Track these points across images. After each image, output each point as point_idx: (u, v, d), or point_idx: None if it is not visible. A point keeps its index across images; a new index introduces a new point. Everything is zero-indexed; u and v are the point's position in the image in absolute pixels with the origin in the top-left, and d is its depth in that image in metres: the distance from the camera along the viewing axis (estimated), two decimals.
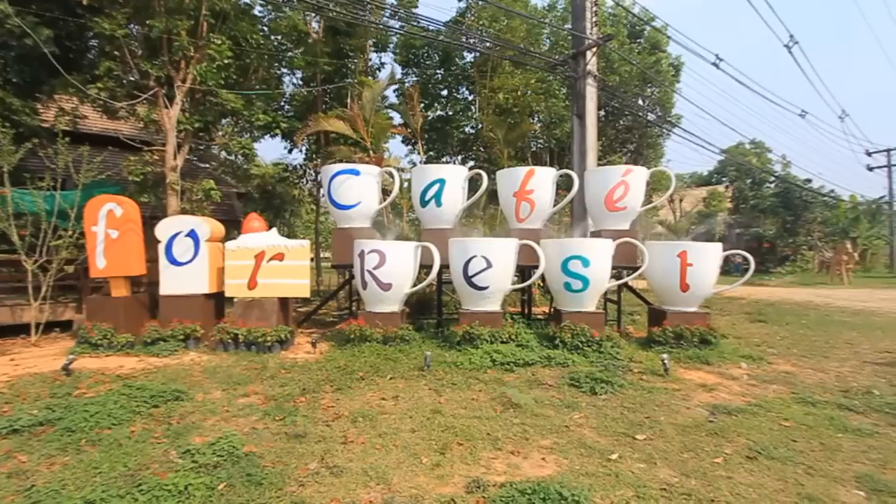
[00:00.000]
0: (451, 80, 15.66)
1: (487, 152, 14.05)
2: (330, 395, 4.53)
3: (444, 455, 3.28)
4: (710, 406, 4.30)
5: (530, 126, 13.86)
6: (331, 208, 7.88)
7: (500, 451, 3.38)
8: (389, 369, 5.36)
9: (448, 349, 6.15)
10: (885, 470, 3.16)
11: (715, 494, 2.81)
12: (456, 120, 15.29)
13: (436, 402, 4.32)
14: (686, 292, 6.50)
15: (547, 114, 14.74)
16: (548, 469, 3.11)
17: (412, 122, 11.65)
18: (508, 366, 5.46)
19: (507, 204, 7.64)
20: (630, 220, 7.55)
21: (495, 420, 3.89)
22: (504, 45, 12.45)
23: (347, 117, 10.36)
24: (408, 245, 6.77)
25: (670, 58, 17.31)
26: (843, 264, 19.27)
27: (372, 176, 7.58)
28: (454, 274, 6.70)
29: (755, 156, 28.38)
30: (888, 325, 8.91)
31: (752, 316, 9.85)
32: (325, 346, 6.57)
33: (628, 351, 6.20)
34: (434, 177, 7.38)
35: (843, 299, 13.03)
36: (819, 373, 5.57)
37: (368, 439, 3.52)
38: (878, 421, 4.04)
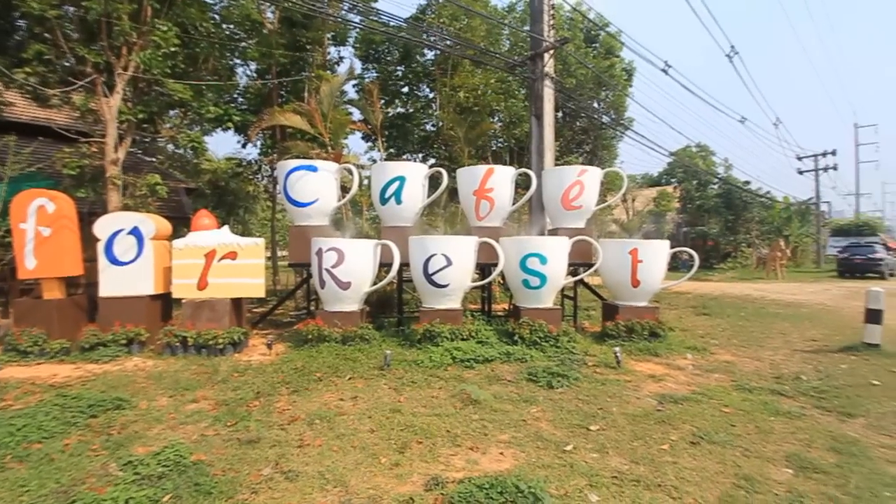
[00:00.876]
0: (411, 77, 15.57)
1: (448, 150, 14.09)
2: (286, 398, 4.40)
3: (403, 454, 3.26)
4: (658, 396, 4.52)
5: (490, 125, 14.02)
6: (287, 205, 7.64)
7: (460, 447, 3.40)
8: (348, 369, 5.28)
9: (408, 347, 6.13)
10: (810, 449, 3.44)
11: (661, 479, 2.96)
12: (417, 117, 15.23)
13: (395, 401, 4.29)
14: (637, 288, 6.80)
15: (507, 113, 14.95)
16: (506, 463, 3.17)
17: (372, 118, 11.49)
18: (468, 363, 5.51)
19: (467, 202, 7.70)
20: (585, 219, 7.80)
21: (455, 417, 3.92)
22: (464, 44, 12.52)
23: (304, 112, 10.08)
24: (367, 243, 6.68)
25: (623, 63, 18.02)
26: (777, 260, 20.81)
27: (330, 172, 7.41)
28: (414, 272, 6.68)
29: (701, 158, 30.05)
30: (814, 315, 9.71)
31: (697, 309, 10.44)
32: (282, 348, 6.38)
33: (584, 345, 6.41)
34: (394, 174, 7.32)
35: (776, 293, 14.07)
36: (755, 361, 5.99)
37: (326, 441, 3.44)
38: (804, 404, 4.39)
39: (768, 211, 27.60)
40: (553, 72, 9.95)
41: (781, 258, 20.94)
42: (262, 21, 11.21)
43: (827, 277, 20.91)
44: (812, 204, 31.38)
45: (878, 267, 20.09)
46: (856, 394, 4.66)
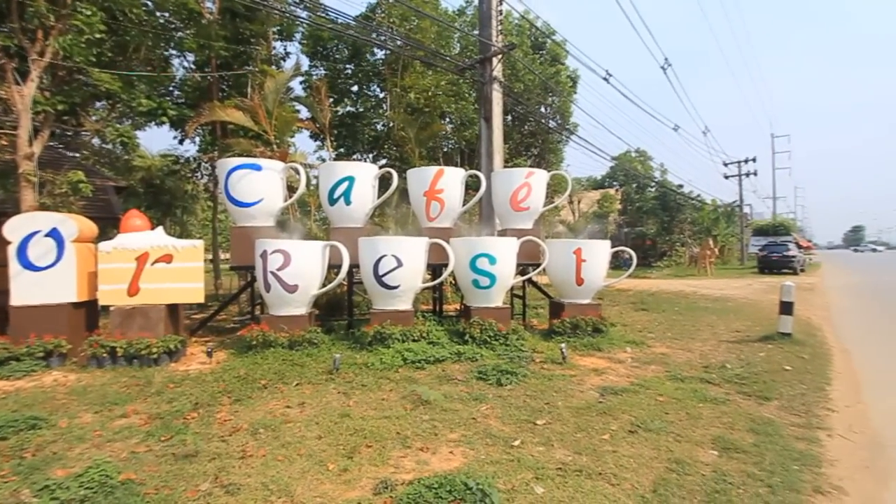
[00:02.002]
0: (361, 76, 15.35)
1: (399, 151, 14.03)
2: (227, 408, 4.19)
3: (351, 459, 3.21)
4: (600, 388, 4.75)
5: (441, 126, 14.11)
6: (229, 205, 7.28)
7: (410, 448, 3.39)
8: (296, 375, 5.11)
9: (359, 350, 6.03)
10: (732, 431, 3.75)
11: (602, 468, 3.11)
12: (367, 117, 15.04)
13: (344, 406, 4.21)
14: (581, 286, 7.10)
15: (457, 115, 15.11)
16: (455, 462, 3.20)
17: (320, 116, 11.20)
18: (419, 363, 5.51)
19: (418, 203, 7.70)
20: (533, 220, 8.04)
21: (405, 418, 3.90)
22: (414, 45, 12.51)
23: (247, 108, 9.65)
24: (315, 244, 6.51)
25: (568, 70, 18.76)
26: (707, 258, 22.49)
27: (275, 171, 7.15)
28: (364, 273, 6.59)
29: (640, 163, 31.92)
30: (738, 308, 10.58)
31: (636, 305, 11.06)
32: (224, 355, 6.07)
33: (532, 342, 6.60)
34: (343, 174, 7.18)
35: (706, 288, 15.20)
36: (687, 352, 6.44)
37: (270, 451, 3.32)
38: (728, 390, 4.77)
39: (699, 212, 29.75)
40: (502, 76, 10.18)
41: (711, 256, 22.68)
42: (201, 10, 10.61)
43: (750, 273, 22.86)
44: (736, 206, 34.20)
45: (791, 263, 22.25)
46: (771, 379, 5.13)
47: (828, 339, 7.44)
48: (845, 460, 3.31)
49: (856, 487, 2.95)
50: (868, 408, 4.40)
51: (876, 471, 3.20)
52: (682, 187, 30.56)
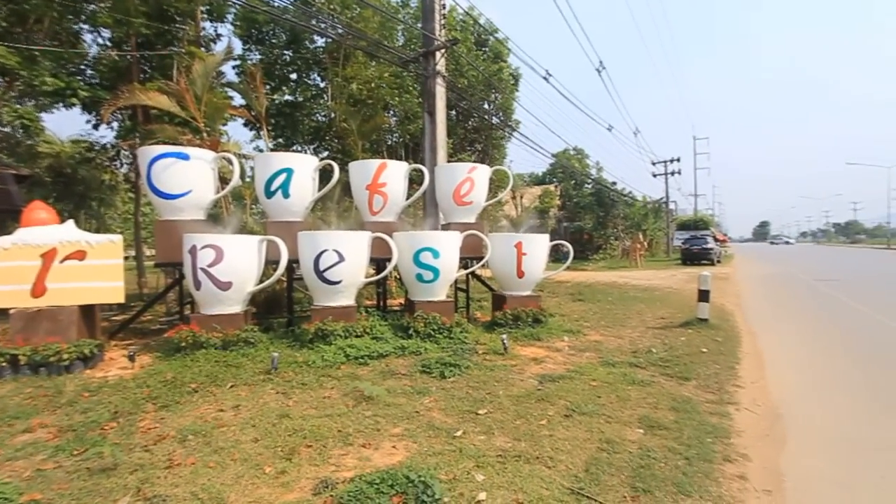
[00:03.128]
0: (300, 63, 14.72)
1: (341, 143, 13.65)
2: (152, 415, 3.90)
3: (290, 461, 3.11)
4: (539, 376, 4.94)
5: (384, 119, 13.89)
6: (152, 197, 6.73)
7: (351, 446, 3.35)
8: (230, 377, 4.85)
9: (299, 348, 5.84)
10: (656, 410, 4.05)
11: (540, 452, 3.24)
12: (307, 107, 14.48)
13: (283, 406, 4.06)
14: (522, 278, 7.33)
15: (401, 109, 14.94)
16: (398, 456, 3.20)
17: (255, 104, 10.61)
18: (363, 359, 5.43)
19: (360, 197, 7.56)
20: (476, 214, 8.17)
21: (347, 416, 3.84)
22: (356, 34, 12.19)
23: (173, 92, 8.93)
24: (251, 239, 6.20)
25: (510, 68, 19.15)
26: (637, 251, 24.07)
27: (205, 161, 6.70)
28: (304, 269, 6.38)
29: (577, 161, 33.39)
30: (664, 297, 11.43)
31: (573, 296, 11.61)
32: (149, 359, 5.62)
33: (475, 335, 6.72)
34: (280, 166, 6.88)
35: (636, 279, 16.27)
36: (618, 339, 6.86)
37: (200, 458, 3.13)
38: (654, 373, 5.15)
39: (630, 208, 31.72)
40: (445, 70, 10.20)
41: (641, 249, 24.31)
42: None
43: (674, 265, 24.76)
44: (663, 203, 36.86)
45: (709, 255, 24.41)
46: (690, 361, 5.60)
47: (739, 323, 8.24)
48: (750, 431, 3.70)
49: (758, 454, 3.31)
50: (769, 383, 4.94)
51: (774, 438, 3.60)
52: (615, 184, 32.44)
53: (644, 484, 2.82)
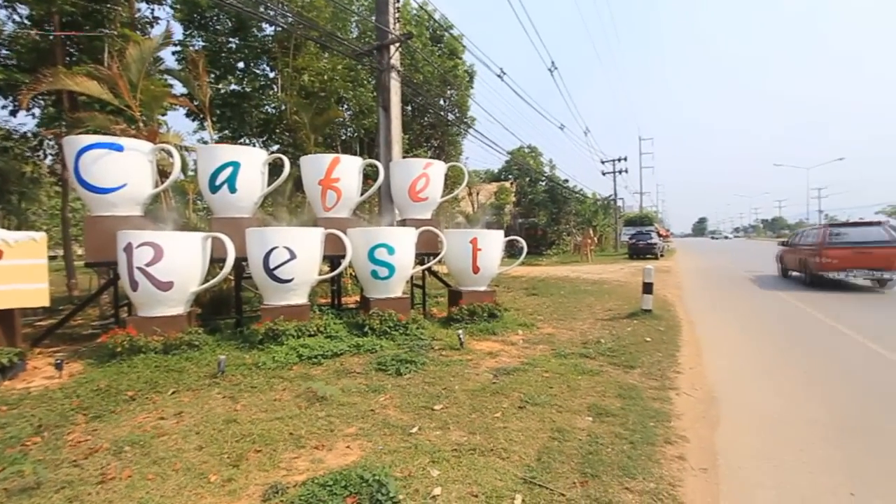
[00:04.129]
0: (248, 52, 14.05)
1: (292, 136, 13.19)
2: (82, 427, 3.61)
3: (237, 467, 2.97)
4: (494, 370, 5.02)
5: (338, 113, 13.56)
6: (81, 191, 6.19)
7: (303, 448, 3.25)
8: (172, 382, 4.58)
9: (248, 350, 5.61)
10: (604, 398, 4.23)
11: (494, 444, 3.29)
12: (255, 97, 13.85)
13: (230, 411, 3.88)
14: (477, 274, 7.41)
15: (356, 102, 14.64)
16: (352, 456, 3.14)
17: (198, 93, 10.03)
18: (316, 359, 5.29)
19: (313, 192, 7.35)
20: (431, 210, 8.16)
21: (299, 417, 3.73)
22: (307, 24, 11.79)
23: (104, 77, 8.25)
24: (193, 236, 5.86)
25: (465, 65, 19.26)
26: (588, 246, 25.01)
27: (141, 153, 6.26)
28: (253, 267, 6.13)
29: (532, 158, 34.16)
30: (612, 290, 11.95)
31: (528, 290, 11.89)
32: (79, 367, 5.20)
33: (431, 330, 6.73)
34: (226, 159, 6.55)
35: (587, 273, 16.90)
36: (569, 331, 7.10)
37: (138, 470, 2.93)
38: (602, 363, 5.37)
39: (582, 205, 32.89)
40: (400, 65, 10.08)
41: (591, 244, 25.27)
42: None
43: (622, 259, 25.95)
44: (612, 200, 38.47)
45: (653, 249, 25.78)
46: (636, 350, 5.89)
47: (679, 313, 8.76)
48: (688, 413, 3.94)
49: (695, 435, 3.53)
50: (705, 368, 5.29)
51: (709, 420, 3.85)
52: (567, 182, 33.47)
53: (592, 469, 2.93)
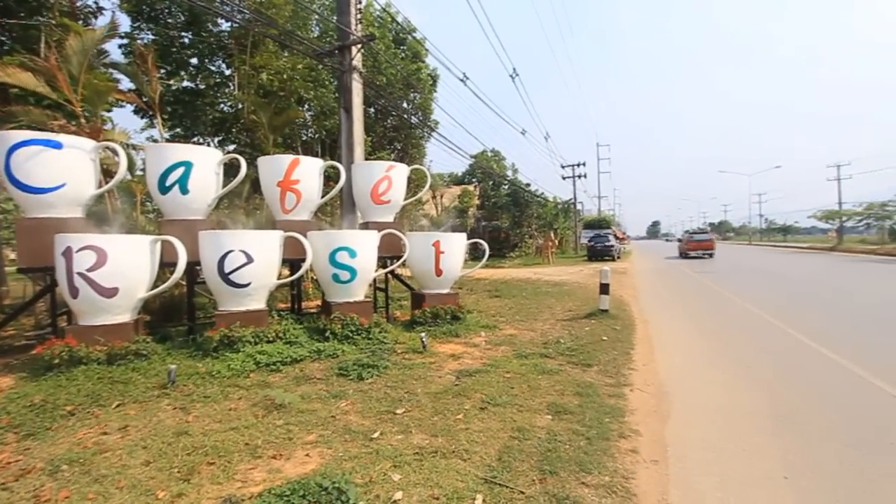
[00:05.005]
0: (202, 47, 13.50)
1: (250, 136, 12.78)
2: (13, 446, 3.34)
3: (189, 481, 2.84)
4: (456, 372, 5.05)
5: (298, 113, 13.26)
6: (13, 191, 5.73)
7: (260, 458, 3.15)
8: (117, 395, 4.32)
9: (202, 358, 5.36)
10: (563, 396, 4.34)
11: (456, 446, 3.31)
12: (210, 95, 13.32)
13: (181, 423, 3.71)
14: (440, 276, 7.44)
15: (317, 103, 14.37)
16: (311, 464, 3.08)
17: (147, 89, 9.54)
18: (274, 366, 5.14)
19: (271, 194, 7.14)
20: (394, 213, 8.12)
21: (255, 427, 3.61)
22: (266, 21, 11.48)
23: (40, 69, 7.70)
24: (140, 239, 5.56)
25: (429, 69, 19.32)
26: (549, 248, 25.63)
27: (83, 151, 5.88)
28: (207, 271, 5.88)
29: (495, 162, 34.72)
30: (572, 291, 12.30)
31: (491, 292, 12.04)
32: (10, 381, 4.80)
33: (394, 334, 6.68)
34: (177, 158, 6.26)
35: (548, 275, 17.31)
36: (531, 332, 7.24)
37: (77, 490, 2.75)
38: (562, 362, 5.52)
39: (543, 209, 33.68)
40: (362, 66, 9.98)
41: (552, 247, 25.92)
42: None
43: (582, 261, 26.74)
44: (572, 203, 39.63)
45: (611, 252, 26.75)
46: (593, 348, 6.09)
47: (634, 312, 9.13)
48: (641, 409, 4.11)
49: (647, 429, 3.69)
50: (657, 365, 5.54)
51: (660, 414, 4.04)
52: (529, 186, 34.19)
53: (551, 466, 3.01)
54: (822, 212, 43.26)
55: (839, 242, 40.10)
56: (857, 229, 42.94)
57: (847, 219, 40.94)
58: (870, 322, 7.81)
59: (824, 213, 43.00)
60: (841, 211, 41.31)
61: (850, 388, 4.65)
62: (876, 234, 38.08)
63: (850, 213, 40.26)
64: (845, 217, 40.83)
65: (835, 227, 43.05)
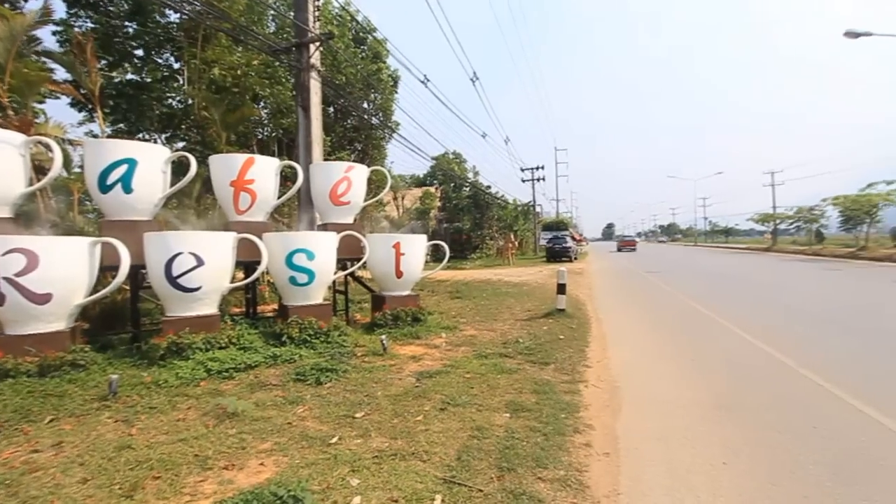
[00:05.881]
0: (148, 38, 12.77)
1: (201, 134, 12.22)
2: None
3: (132, 498, 2.69)
4: (417, 374, 5.05)
5: (253, 111, 12.82)
6: None
7: (211, 470, 3.02)
8: (50, 409, 4.01)
9: (147, 367, 5.07)
10: (521, 394, 4.44)
11: (415, 447, 3.31)
12: (157, 89, 12.62)
13: (123, 436, 3.49)
14: (401, 278, 7.41)
15: (274, 101, 13.94)
16: (266, 473, 2.98)
17: (86, 81, 8.94)
18: (227, 373, 4.94)
19: (224, 194, 6.87)
20: (354, 214, 8.01)
21: (206, 437, 3.45)
22: (218, 14, 11.02)
23: None
24: (77, 241, 5.20)
25: (389, 70, 19.19)
26: (510, 250, 26.11)
27: (11, 146, 5.42)
28: (154, 275, 5.58)
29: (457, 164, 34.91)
30: (531, 291, 12.58)
31: (452, 294, 12.12)
32: None
33: (354, 337, 6.59)
34: (120, 155, 5.90)
35: (508, 276, 17.62)
36: (490, 332, 7.35)
37: None
38: (520, 361, 5.63)
39: (504, 211, 34.27)
40: (321, 65, 9.80)
41: (512, 248, 26.44)
42: None
43: (541, 262, 27.43)
44: (531, 206, 40.55)
45: (568, 253, 27.63)
46: (551, 347, 6.26)
47: (589, 311, 9.47)
48: (594, 404, 4.28)
49: (600, 423, 3.84)
50: (610, 361, 5.77)
51: (612, 408, 4.22)
52: (490, 188, 34.67)
53: (509, 463, 3.07)
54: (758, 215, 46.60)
55: (773, 244, 43.33)
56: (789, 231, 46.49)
57: (780, 221, 44.22)
58: (801, 317, 8.49)
59: (760, 216, 46.36)
60: (775, 214, 44.58)
61: (781, 376, 5.04)
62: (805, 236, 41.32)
63: (782, 216, 43.47)
64: (779, 220, 44.08)
65: (769, 229, 46.47)
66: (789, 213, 41.73)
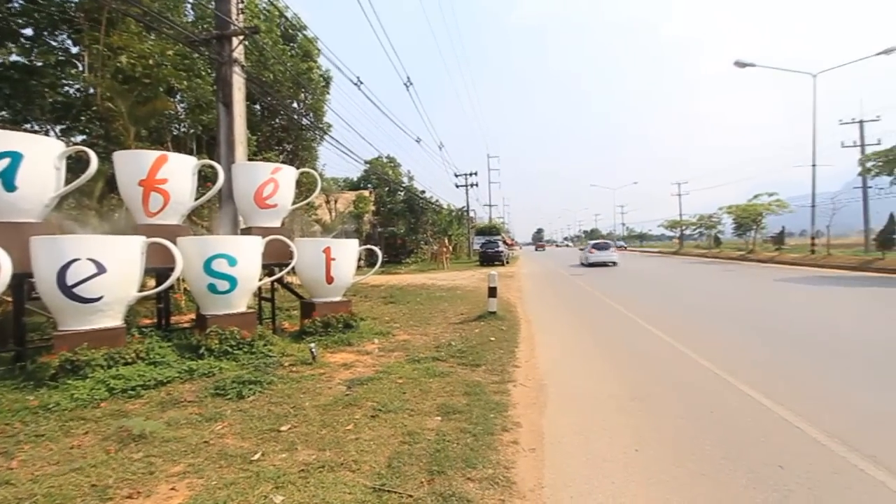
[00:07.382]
0: (39, 17, 11.33)
1: (105, 127, 11.05)
2: None
3: None
4: (348, 381, 4.93)
5: (167, 104, 11.82)
6: None
7: (111, 500, 2.72)
8: None
9: (34, 389, 4.47)
10: (452, 397, 4.49)
11: (345, 457, 3.23)
12: (50, 75, 11.22)
13: (1, 471, 3.04)
14: (331, 284, 7.20)
15: (192, 95, 12.95)
16: (177, 499, 2.75)
17: None
18: (134, 391, 4.49)
19: (131, 194, 6.26)
20: (281, 218, 7.67)
21: (106, 464, 3.11)
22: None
23: None
24: None
25: (321, 70, 18.65)
26: (444, 254, 26.41)
27: None
28: (44, 284, 4.94)
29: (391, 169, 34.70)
30: (465, 295, 12.81)
31: (386, 299, 11.99)
32: None
33: (281, 346, 6.29)
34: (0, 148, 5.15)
35: (442, 280, 17.80)
36: (424, 336, 7.37)
37: None
38: (453, 364, 5.70)
39: (438, 215, 34.62)
40: (245, 60, 9.28)
41: (446, 252, 26.77)
42: None
43: (474, 266, 28.02)
44: (465, 211, 41.35)
45: (500, 257, 28.55)
46: (482, 349, 6.41)
47: (519, 313, 9.83)
48: (522, 402, 4.44)
49: (527, 420, 3.99)
50: (538, 361, 6.03)
51: (538, 405, 4.40)
52: (424, 193, 34.86)
53: (439, 466, 3.09)
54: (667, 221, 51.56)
55: (680, 247, 48.05)
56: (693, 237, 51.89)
57: (686, 228, 49.33)
58: (701, 313, 9.45)
59: (669, 222, 51.38)
60: (681, 221, 49.71)
61: (684, 367, 5.57)
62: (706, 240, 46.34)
63: (687, 223, 48.63)
64: (685, 226, 49.13)
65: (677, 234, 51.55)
66: (693, 220, 46.58)
